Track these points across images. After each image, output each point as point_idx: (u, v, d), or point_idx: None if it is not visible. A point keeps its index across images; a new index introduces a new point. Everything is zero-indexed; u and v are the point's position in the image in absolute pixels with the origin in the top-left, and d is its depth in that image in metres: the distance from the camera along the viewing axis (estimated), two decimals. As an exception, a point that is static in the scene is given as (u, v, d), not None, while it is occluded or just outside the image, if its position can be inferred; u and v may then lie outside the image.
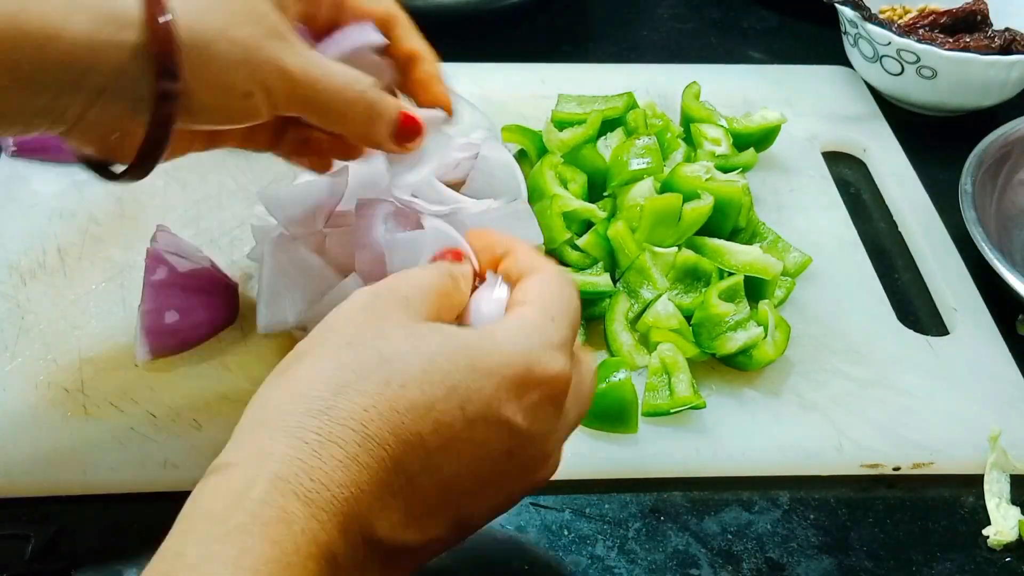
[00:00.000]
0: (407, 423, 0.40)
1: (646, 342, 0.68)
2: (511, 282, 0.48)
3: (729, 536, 0.60)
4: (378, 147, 0.56)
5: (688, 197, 0.71)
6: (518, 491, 0.47)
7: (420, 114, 0.57)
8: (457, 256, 0.50)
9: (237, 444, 0.40)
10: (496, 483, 0.44)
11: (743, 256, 0.70)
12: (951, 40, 0.89)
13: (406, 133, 0.56)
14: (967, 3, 0.93)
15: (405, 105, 0.56)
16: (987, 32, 0.90)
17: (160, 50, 0.46)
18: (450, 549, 0.45)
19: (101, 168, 0.52)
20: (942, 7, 0.94)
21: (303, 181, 0.72)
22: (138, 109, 0.48)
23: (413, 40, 0.60)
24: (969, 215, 0.75)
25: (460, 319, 0.48)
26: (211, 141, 0.58)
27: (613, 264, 0.71)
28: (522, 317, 0.45)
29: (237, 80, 0.49)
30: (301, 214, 0.65)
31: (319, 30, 0.58)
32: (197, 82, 0.48)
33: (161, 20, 0.46)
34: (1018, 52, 0.87)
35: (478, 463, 0.42)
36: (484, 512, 0.46)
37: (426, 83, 0.59)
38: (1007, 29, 0.89)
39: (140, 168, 0.51)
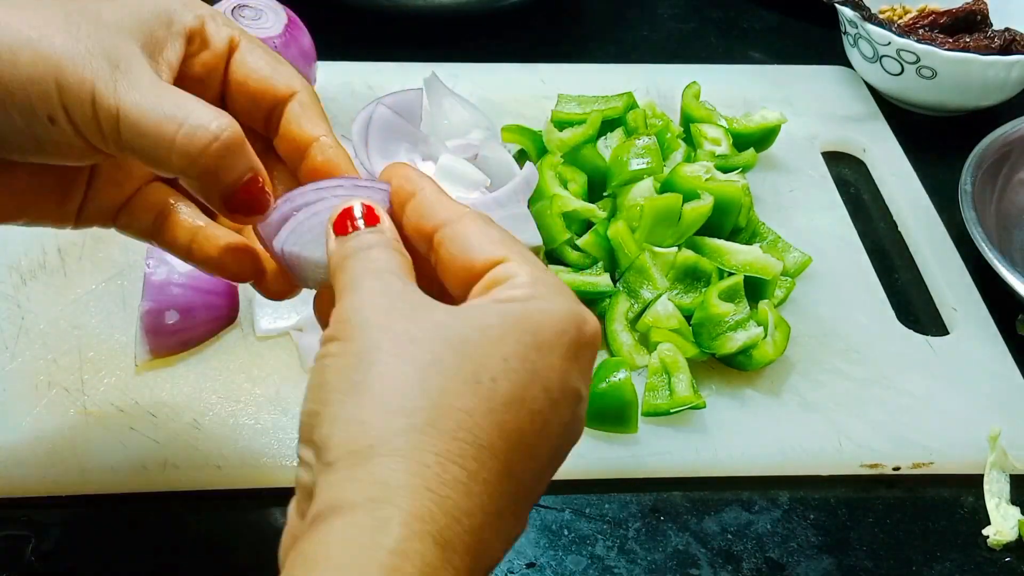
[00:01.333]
0: (508, 421, 0.37)
1: (646, 342, 0.68)
2: (425, 231, 0.43)
3: (729, 536, 0.60)
4: (206, 201, 0.45)
5: (688, 197, 0.71)
6: (565, 457, 0.43)
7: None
8: (372, 218, 0.42)
9: (343, 479, 0.34)
10: (562, 454, 0.41)
11: (743, 256, 0.70)
12: (951, 40, 0.89)
13: (246, 203, 0.44)
14: (967, 3, 0.93)
15: (260, 167, 0.45)
16: (987, 32, 0.90)
17: None
18: None
19: None
20: (942, 7, 0.94)
21: None
22: None
23: (312, 126, 0.48)
24: (969, 215, 0.75)
25: None
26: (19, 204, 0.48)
27: (613, 264, 0.71)
28: (533, 276, 0.40)
29: (36, 99, 0.41)
30: None
31: (207, 76, 0.48)
32: None
33: None
34: (1018, 52, 0.87)
35: (560, 440, 0.40)
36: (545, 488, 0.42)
37: (325, 169, 0.47)
38: (1007, 29, 0.89)
39: None
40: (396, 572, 0.32)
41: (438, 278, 0.43)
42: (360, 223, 0.42)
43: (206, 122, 0.42)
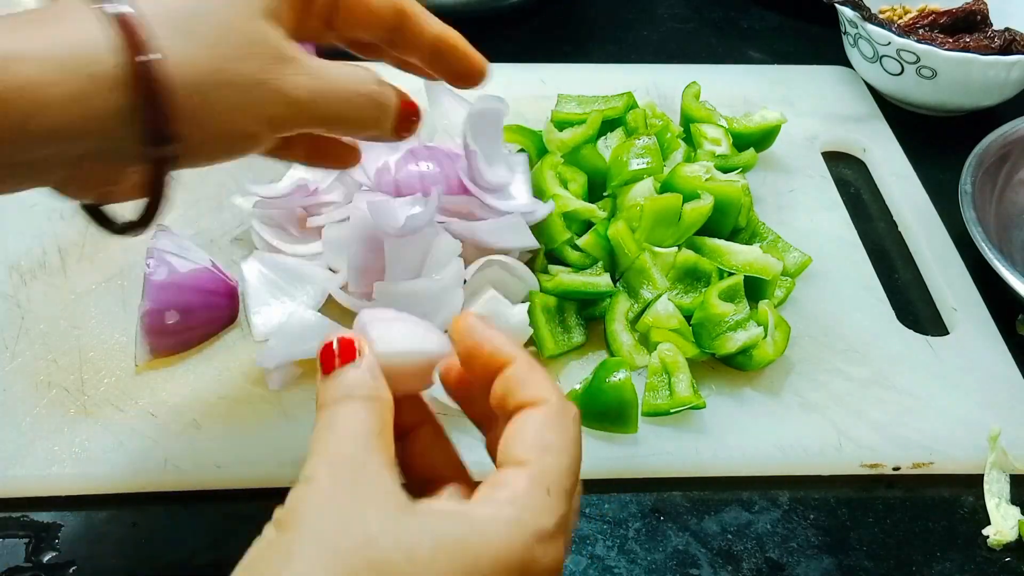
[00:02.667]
0: None
1: (646, 342, 0.68)
2: (506, 410, 0.43)
3: (729, 536, 0.60)
4: (380, 139, 0.54)
5: (688, 197, 0.71)
6: None
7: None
8: (348, 352, 0.43)
9: None
10: None
11: (743, 256, 0.70)
12: (951, 40, 0.89)
13: (407, 122, 0.54)
14: (967, 3, 0.93)
15: (403, 91, 0.54)
16: (987, 32, 0.90)
17: (150, 114, 0.43)
18: None
19: (102, 219, 0.50)
20: (942, 7, 0.94)
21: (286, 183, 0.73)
22: (132, 164, 0.45)
23: (434, 26, 0.57)
24: (969, 215, 0.75)
25: None
26: None
27: (613, 264, 0.71)
28: (515, 495, 0.39)
29: (239, 123, 0.46)
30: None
31: (315, 26, 0.54)
32: (195, 132, 0.44)
33: (141, 59, 0.42)
34: (1018, 52, 0.87)
35: None
36: None
37: (460, 61, 0.58)
38: (1007, 29, 0.89)
39: (141, 224, 0.48)
40: None
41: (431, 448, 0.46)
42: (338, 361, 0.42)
43: (371, 76, 0.51)
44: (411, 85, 0.84)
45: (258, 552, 0.38)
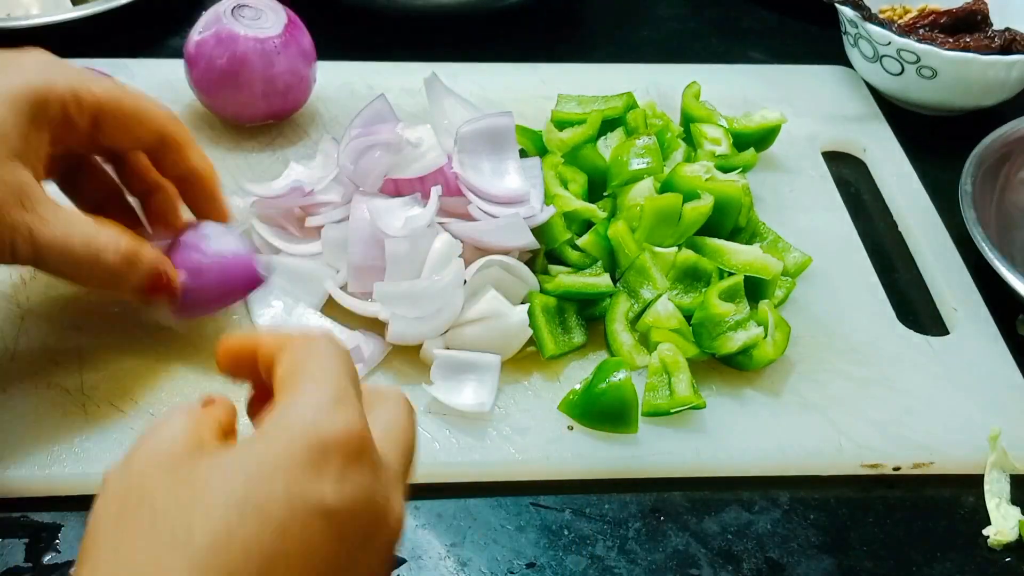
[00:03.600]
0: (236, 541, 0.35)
1: (646, 342, 0.68)
2: (272, 375, 0.43)
3: (729, 536, 0.60)
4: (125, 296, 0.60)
5: (688, 197, 0.71)
6: (375, 565, 0.40)
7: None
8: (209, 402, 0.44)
9: None
10: (345, 571, 0.38)
11: (743, 256, 0.70)
12: (951, 40, 0.89)
13: (154, 289, 0.59)
14: (967, 3, 0.93)
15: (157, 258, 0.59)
16: (987, 32, 0.90)
17: None
18: None
19: None
20: (942, 7, 0.94)
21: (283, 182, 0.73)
22: None
23: (190, 160, 0.62)
24: (969, 215, 0.75)
25: None
26: None
27: (613, 264, 0.71)
28: (278, 407, 0.40)
29: None
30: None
31: (77, 146, 0.60)
32: None
33: None
34: (1018, 52, 0.87)
35: (314, 566, 0.37)
36: None
37: (204, 202, 0.64)
38: (1007, 29, 0.89)
39: None
40: None
41: None
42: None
43: (112, 245, 0.56)
44: (411, 84, 0.85)
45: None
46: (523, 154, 0.80)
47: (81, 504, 0.58)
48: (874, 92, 0.95)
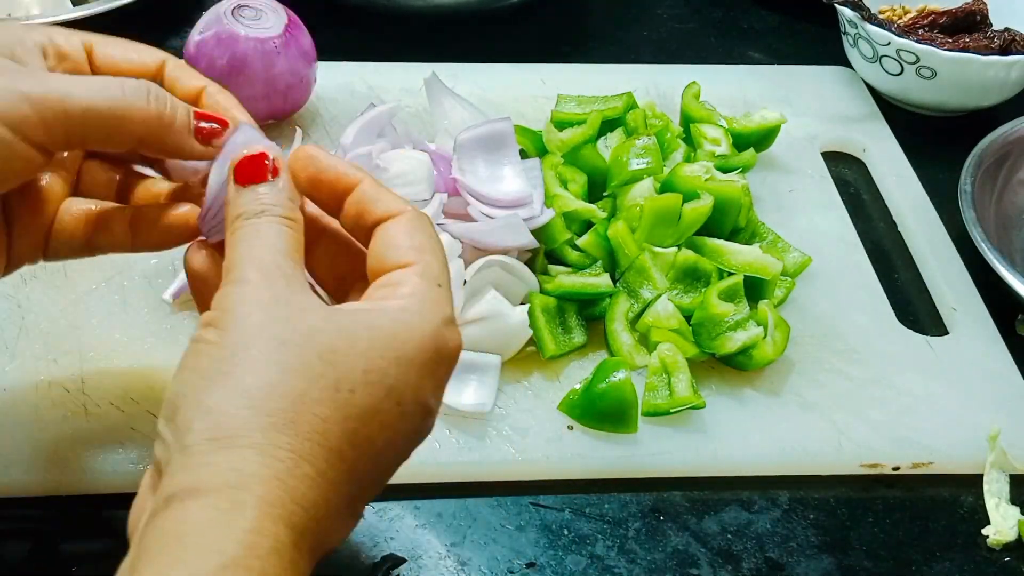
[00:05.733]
0: (360, 430, 0.40)
1: (646, 342, 0.68)
2: (365, 227, 0.46)
3: (729, 536, 0.60)
4: (181, 152, 0.49)
5: (688, 197, 0.71)
6: (411, 453, 0.46)
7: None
8: (260, 172, 0.45)
9: (201, 464, 0.37)
10: (403, 459, 0.44)
11: (743, 256, 0.70)
12: (951, 40, 0.89)
13: (207, 128, 0.49)
14: (967, 3, 0.93)
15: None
16: (987, 32, 0.90)
17: None
18: None
19: None
20: (942, 7, 0.94)
21: None
22: None
23: (193, 80, 0.52)
24: (969, 215, 0.75)
25: None
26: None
27: (613, 264, 0.71)
28: (415, 289, 0.44)
29: None
30: None
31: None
32: None
33: None
34: (1018, 52, 0.87)
35: (404, 448, 0.44)
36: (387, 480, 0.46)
37: (216, 110, 0.52)
38: (1007, 29, 0.89)
39: None
40: (253, 548, 0.35)
41: (335, 258, 0.49)
42: (269, 169, 0.45)
43: (136, 82, 0.47)
44: (411, 84, 0.85)
45: (200, 353, 0.41)
46: (523, 155, 0.80)
47: (81, 504, 0.58)
48: (874, 92, 0.95)
